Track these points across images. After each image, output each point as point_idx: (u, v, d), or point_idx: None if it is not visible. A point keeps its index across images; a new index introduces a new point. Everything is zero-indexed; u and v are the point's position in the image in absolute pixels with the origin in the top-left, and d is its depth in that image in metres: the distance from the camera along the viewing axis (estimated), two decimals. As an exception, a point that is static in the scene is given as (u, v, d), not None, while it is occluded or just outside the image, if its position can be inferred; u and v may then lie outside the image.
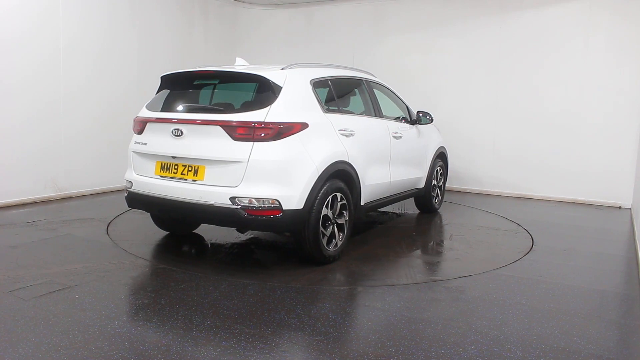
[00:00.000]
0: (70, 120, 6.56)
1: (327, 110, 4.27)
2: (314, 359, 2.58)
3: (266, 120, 3.74)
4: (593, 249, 4.98)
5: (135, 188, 4.26)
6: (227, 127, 3.77)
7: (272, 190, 3.70)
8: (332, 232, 4.14)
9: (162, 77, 4.48)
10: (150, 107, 4.36)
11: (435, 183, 6.27)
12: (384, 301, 3.40)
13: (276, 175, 3.72)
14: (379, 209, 6.33)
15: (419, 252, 4.83)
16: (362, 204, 4.55)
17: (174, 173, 4.02)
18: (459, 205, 6.96)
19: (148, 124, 4.22)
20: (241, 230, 4.22)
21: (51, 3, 6.23)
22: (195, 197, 3.86)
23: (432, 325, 3.03)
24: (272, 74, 4.00)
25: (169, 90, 4.42)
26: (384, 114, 5.40)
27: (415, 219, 6.14)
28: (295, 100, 4.01)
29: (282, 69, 4.14)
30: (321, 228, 3.97)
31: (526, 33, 7.55)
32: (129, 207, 4.47)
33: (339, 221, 4.20)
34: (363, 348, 2.71)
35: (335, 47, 8.90)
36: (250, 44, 9.47)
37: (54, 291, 3.37)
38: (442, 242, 5.22)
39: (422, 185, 5.94)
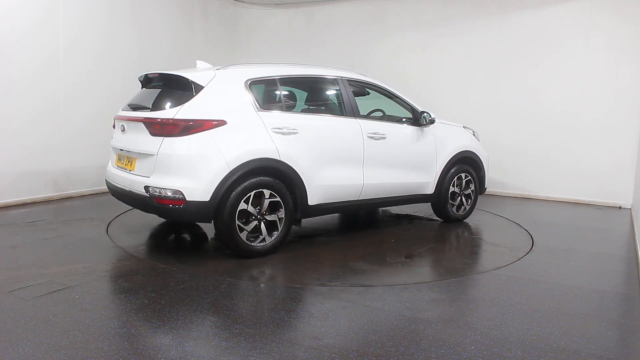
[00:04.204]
0: (70, 120, 6.55)
1: (263, 109, 4.32)
2: (314, 358, 2.58)
3: (175, 117, 4.02)
4: (593, 249, 4.98)
5: (107, 176, 4.82)
6: (146, 123, 4.16)
7: (176, 181, 3.97)
8: (257, 228, 4.20)
9: (139, 79, 4.87)
10: (123, 107, 4.81)
11: (458, 190, 5.75)
12: (384, 301, 3.40)
13: (180, 168, 3.99)
14: (392, 212, 6.33)
15: (362, 261, 4.26)
16: (311, 203, 4.52)
17: (122, 164, 4.51)
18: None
19: (115, 121, 4.74)
20: (163, 217, 4.48)
21: (51, 3, 6.23)
22: (128, 185, 4.32)
23: (432, 325, 3.03)
24: (195, 74, 4.27)
25: (143, 90, 4.84)
26: (386, 114, 5.37)
27: (421, 227, 5.73)
28: (216, 98, 4.20)
29: (217, 69, 4.38)
30: (238, 222, 4.09)
31: (526, 33, 7.55)
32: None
33: (269, 218, 4.25)
34: (363, 348, 2.71)
35: (335, 47, 8.90)
36: (250, 44, 9.47)
37: (54, 291, 3.37)
38: (406, 253, 4.57)
39: (429, 191, 5.53)
